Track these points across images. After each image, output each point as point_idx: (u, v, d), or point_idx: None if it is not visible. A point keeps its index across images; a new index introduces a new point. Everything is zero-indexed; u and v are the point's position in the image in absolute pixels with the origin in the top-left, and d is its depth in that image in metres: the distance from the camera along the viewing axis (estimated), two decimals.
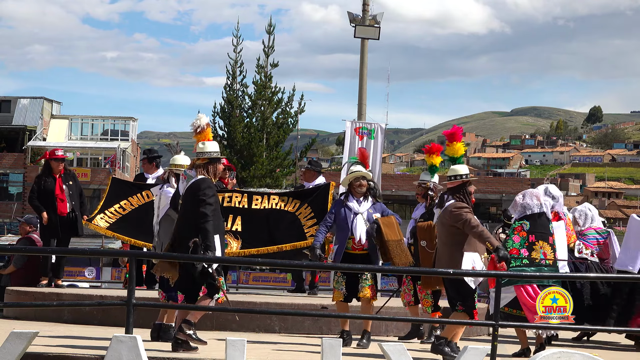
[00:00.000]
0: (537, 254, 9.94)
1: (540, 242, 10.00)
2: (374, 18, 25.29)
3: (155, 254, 9.94)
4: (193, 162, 9.32)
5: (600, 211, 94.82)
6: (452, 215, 9.36)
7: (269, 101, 42.84)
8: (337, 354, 7.45)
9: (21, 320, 11.97)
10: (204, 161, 9.15)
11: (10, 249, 13.24)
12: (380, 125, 17.25)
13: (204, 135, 9.31)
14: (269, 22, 43.41)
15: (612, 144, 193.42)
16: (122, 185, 14.33)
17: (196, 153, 9.21)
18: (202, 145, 9.21)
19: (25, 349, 7.41)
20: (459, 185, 9.51)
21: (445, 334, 9.36)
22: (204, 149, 9.18)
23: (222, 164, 9.28)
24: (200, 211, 8.91)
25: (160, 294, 10.02)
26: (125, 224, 13.67)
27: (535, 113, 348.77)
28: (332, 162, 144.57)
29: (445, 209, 9.45)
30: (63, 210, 13.67)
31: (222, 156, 9.24)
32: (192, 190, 9.05)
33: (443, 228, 9.51)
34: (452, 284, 9.39)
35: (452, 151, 9.80)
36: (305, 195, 13.58)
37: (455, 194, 9.48)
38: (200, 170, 9.13)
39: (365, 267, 10.06)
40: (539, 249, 9.98)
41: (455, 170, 9.59)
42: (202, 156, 9.15)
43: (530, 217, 10.07)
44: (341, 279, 10.38)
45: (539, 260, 9.93)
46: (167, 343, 9.62)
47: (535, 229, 10.03)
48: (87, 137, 69.77)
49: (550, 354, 7.60)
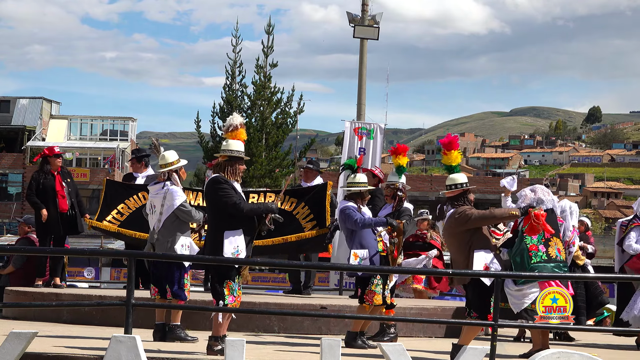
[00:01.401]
0: (553, 250, 9.93)
1: (554, 239, 9.99)
2: (373, 18, 25.31)
3: (154, 254, 9.91)
4: (216, 161, 9.28)
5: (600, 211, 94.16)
6: (458, 220, 9.36)
7: (268, 101, 42.82)
8: (336, 354, 7.45)
9: (20, 320, 11.96)
10: (224, 158, 9.09)
11: (9, 249, 13.22)
12: (379, 126, 17.23)
13: (235, 134, 9.20)
14: (268, 22, 43.39)
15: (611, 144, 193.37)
16: (117, 187, 14.23)
17: (220, 150, 9.18)
18: (225, 142, 9.15)
19: (24, 349, 7.41)
20: (460, 194, 9.52)
21: (462, 342, 9.35)
22: (226, 146, 9.11)
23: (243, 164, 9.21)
24: (229, 211, 8.88)
25: (152, 289, 10.03)
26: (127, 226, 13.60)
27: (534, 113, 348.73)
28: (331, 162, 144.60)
29: (449, 218, 9.46)
30: (64, 206, 13.62)
31: (245, 156, 9.18)
32: (208, 190, 9.06)
33: (451, 238, 9.52)
34: (473, 287, 9.37)
35: (449, 160, 9.79)
36: (302, 194, 13.52)
37: (455, 202, 9.49)
38: (217, 170, 9.08)
39: (365, 267, 10.05)
40: (554, 245, 9.96)
41: (454, 179, 9.57)
42: (223, 153, 9.11)
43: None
44: (380, 282, 10.34)
45: (554, 257, 9.92)
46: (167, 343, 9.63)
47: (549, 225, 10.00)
48: (86, 137, 69.74)
49: (550, 354, 7.60)
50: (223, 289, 8.91)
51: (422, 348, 10.48)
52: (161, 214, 9.96)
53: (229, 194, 8.87)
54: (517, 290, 9.79)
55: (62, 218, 13.63)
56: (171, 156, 10.13)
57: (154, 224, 10.04)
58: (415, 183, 64.84)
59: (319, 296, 13.95)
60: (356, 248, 10.23)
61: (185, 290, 9.94)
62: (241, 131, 9.22)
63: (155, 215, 10.03)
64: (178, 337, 9.82)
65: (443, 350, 10.09)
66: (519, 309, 9.78)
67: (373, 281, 10.24)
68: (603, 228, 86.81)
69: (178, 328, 9.88)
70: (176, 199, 9.93)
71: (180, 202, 9.92)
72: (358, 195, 10.40)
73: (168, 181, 10.03)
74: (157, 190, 10.05)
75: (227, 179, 8.98)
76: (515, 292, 9.79)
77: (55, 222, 13.57)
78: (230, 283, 8.93)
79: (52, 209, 13.53)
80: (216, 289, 8.97)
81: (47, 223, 13.55)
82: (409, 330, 11.95)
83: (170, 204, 9.92)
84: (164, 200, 9.93)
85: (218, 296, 8.95)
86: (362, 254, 10.20)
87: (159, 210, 9.98)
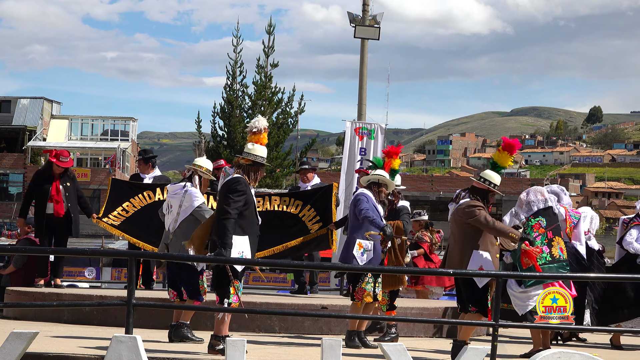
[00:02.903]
0: (556, 250, 9.94)
1: (556, 238, 10.02)
2: (373, 18, 25.30)
3: (154, 254, 9.93)
4: (237, 161, 9.22)
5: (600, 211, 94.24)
6: (465, 213, 9.43)
7: (269, 101, 42.86)
8: (337, 354, 7.45)
9: (21, 320, 11.96)
10: (248, 162, 9.07)
11: (9, 249, 13.20)
12: (380, 126, 17.23)
13: (259, 138, 9.18)
14: (269, 22, 43.42)
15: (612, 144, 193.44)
16: (122, 185, 14.29)
17: (243, 152, 9.15)
18: (250, 146, 9.10)
19: (25, 349, 7.41)
20: (484, 191, 9.57)
21: (462, 337, 9.37)
22: (251, 150, 9.07)
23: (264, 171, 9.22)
24: (222, 207, 8.84)
25: (170, 293, 10.02)
26: (131, 226, 13.61)
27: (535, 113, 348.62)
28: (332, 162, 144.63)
29: (459, 206, 9.55)
30: (60, 211, 13.54)
31: (268, 164, 9.19)
32: (224, 188, 9.00)
33: (455, 226, 9.57)
34: (467, 283, 9.42)
35: (501, 159, 9.80)
36: (307, 196, 13.51)
37: (475, 194, 9.56)
38: (239, 170, 9.05)
39: (365, 268, 10.04)
40: (557, 244, 9.99)
41: (490, 177, 9.61)
42: (247, 157, 9.07)
43: (543, 213, 10.05)
44: (371, 280, 10.29)
45: (559, 256, 9.93)
46: (167, 343, 9.63)
47: (550, 225, 10.03)
48: (87, 137, 69.80)
49: (550, 354, 7.60)
50: (229, 287, 8.90)
51: (423, 348, 10.49)
52: (178, 214, 9.94)
53: (236, 200, 8.83)
54: (521, 292, 9.80)
55: (58, 222, 13.52)
56: (204, 163, 10.16)
57: (170, 224, 10.00)
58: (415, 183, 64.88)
59: (319, 296, 13.95)
60: (361, 238, 10.22)
61: (202, 291, 9.93)
62: (265, 135, 9.25)
63: (171, 215, 10.00)
64: (183, 336, 9.81)
65: (443, 350, 10.10)
66: (523, 311, 9.79)
67: (364, 278, 10.19)
68: (604, 228, 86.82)
69: (185, 327, 9.86)
70: (195, 200, 9.90)
71: (199, 204, 9.89)
72: (375, 185, 10.37)
73: (188, 182, 10.01)
74: (175, 191, 10.03)
75: (247, 183, 8.99)
76: (519, 294, 9.80)
77: (50, 226, 13.49)
78: (237, 282, 8.94)
79: (48, 212, 13.48)
80: (222, 287, 8.95)
81: (40, 226, 13.47)
82: (410, 330, 11.95)
83: (189, 205, 9.89)
84: (182, 200, 9.91)
85: (223, 294, 8.92)
86: (366, 245, 10.18)
87: (176, 211, 9.95)
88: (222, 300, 8.92)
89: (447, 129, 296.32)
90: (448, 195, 59.03)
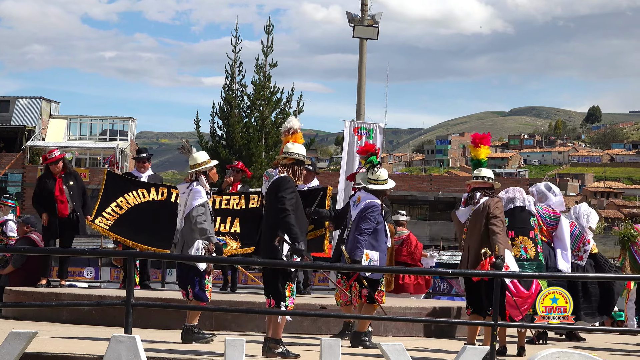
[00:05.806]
0: (518, 250, 9.99)
1: (520, 237, 10.11)
2: (372, 18, 25.28)
3: (154, 254, 9.92)
4: (278, 161, 9.35)
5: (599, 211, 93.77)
6: (492, 207, 9.61)
7: (268, 101, 42.81)
8: (336, 354, 7.44)
9: (20, 320, 11.96)
10: (290, 161, 9.21)
11: (9, 249, 13.20)
12: (379, 125, 17.22)
13: (295, 137, 9.40)
14: (268, 22, 43.34)
15: (611, 144, 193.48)
16: (118, 180, 14.34)
17: (284, 152, 9.26)
18: (290, 145, 9.28)
19: (24, 349, 7.40)
20: (491, 187, 9.89)
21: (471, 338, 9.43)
22: (292, 149, 9.24)
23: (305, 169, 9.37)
24: (279, 207, 8.96)
25: (183, 293, 10.03)
26: (125, 226, 13.65)
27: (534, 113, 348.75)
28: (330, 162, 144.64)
29: (488, 201, 9.69)
30: (64, 211, 13.64)
31: (309, 162, 9.32)
32: (273, 188, 9.11)
33: (477, 222, 9.67)
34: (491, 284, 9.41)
35: (479, 154, 10.09)
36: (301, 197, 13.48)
37: (489, 191, 9.84)
38: (283, 170, 9.18)
39: (365, 267, 10.04)
40: (519, 244, 10.08)
41: (488, 173, 9.93)
42: (289, 156, 9.23)
43: (510, 213, 10.11)
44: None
45: (519, 256, 9.95)
46: (167, 343, 9.62)
47: (514, 225, 10.10)
48: (86, 137, 69.76)
49: (550, 353, 7.60)
50: (285, 290, 9.02)
51: (422, 348, 10.48)
52: (184, 213, 9.98)
53: (289, 198, 9.00)
54: None
55: (63, 222, 13.66)
56: (201, 157, 10.14)
57: (179, 223, 10.06)
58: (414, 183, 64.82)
59: (318, 296, 13.94)
60: (368, 249, 10.22)
61: (207, 291, 9.93)
62: (300, 134, 9.50)
63: (180, 214, 10.06)
64: (194, 339, 9.79)
65: (443, 350, 10.10)
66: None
67: (382, 281, 10.40)
68: (602, 228, 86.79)
69: (195, 329, 9.86)
70: (196, 199, 9.89)
71: (197, 203, 9.86)
72: (382, 193, 10.42)
73: (195, 181, 10.03)
74: (183, 190, 10.08)
75: (294, 181, 9.14)
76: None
77: (55, 227, 13.62)
78: (292, 285, 9.08)
79: (52, 214, 13.58)
80: (278, 290, 9.05)
81: (49, 227, 13.61)
82: (409, 330, 11.95)
83: (190, 203, 9.92)
84: (187, 199, 9.94)
85: (279, 297, 9.05)
86: (372, 256, 10.19)
87: (183, 210, 10.00)
88: (278, 303, 9.04)
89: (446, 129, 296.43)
90: (447, 195, 58.91)
